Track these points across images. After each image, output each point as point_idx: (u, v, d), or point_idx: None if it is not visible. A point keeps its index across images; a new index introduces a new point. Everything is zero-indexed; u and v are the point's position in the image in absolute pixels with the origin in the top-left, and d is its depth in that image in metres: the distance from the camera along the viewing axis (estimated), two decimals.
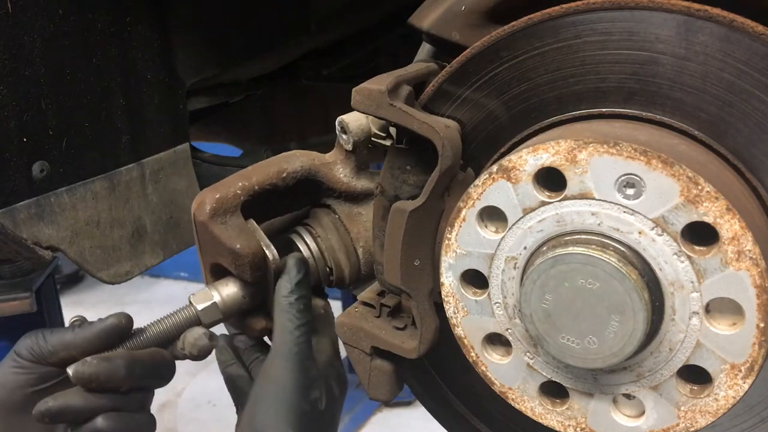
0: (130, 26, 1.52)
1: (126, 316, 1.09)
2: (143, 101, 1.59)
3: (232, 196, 1.10)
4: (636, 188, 0.83)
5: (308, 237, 1.20)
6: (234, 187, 1.11)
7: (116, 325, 1.07)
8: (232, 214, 1.10)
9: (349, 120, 1.13)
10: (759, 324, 0.80)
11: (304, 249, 1.20)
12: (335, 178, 1.19)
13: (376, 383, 1.13)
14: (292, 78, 2.34)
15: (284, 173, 1.15)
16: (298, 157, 1.18)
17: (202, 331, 1.13)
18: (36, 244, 1.38)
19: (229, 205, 1.10)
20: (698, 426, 0.87)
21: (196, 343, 1.11)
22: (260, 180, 1.14)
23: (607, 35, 0.90)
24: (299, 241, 1.20)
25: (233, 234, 1.09)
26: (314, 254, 1.20)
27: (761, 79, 0.84)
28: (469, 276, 0.96)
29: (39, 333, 1.07)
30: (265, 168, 1.15)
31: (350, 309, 1.16)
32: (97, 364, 1.02)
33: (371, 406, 4.70)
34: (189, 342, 1.12)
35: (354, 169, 1.19)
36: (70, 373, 1.03)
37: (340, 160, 1.19)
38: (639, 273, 0.83)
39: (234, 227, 1.09)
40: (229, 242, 1.08)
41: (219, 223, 1.09)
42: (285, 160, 1.17)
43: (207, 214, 1.08)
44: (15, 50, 1.29)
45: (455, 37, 1.03)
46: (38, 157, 1.36)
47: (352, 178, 1.19)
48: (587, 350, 0.86)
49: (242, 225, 1.11)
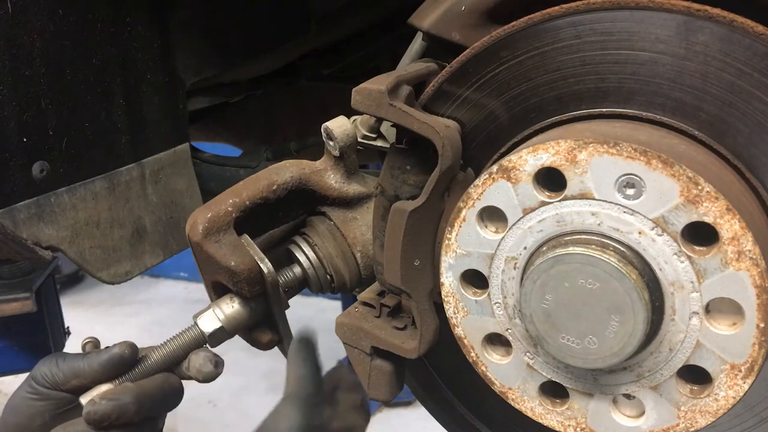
0: (130, 26, 1.52)
1: (130, 346, 1.13)
2: (143, 101, 1.59)
3: (223, 214, 1.11)
4: (636, 188, 0.83)
5: (306, 246, 1.21)
6: (225, 205, 1.12)
7: (120, 355, 1.11)
8: (225, 231, 1.11)
9: (334, 126, 1.13)
10: (759, 324, 0.80)
11: (303, 258, 1.20)
12: (326, 185, 1.19)
13: (376, 383, 1.13)
14: (292, 78, 2.34)
15: (274, 185, 1.15)
16: (288, 168, 1.18)
17: (208, 356, 1.15)
18: (36, 244, 1.38)
19: (222, 223, 1.11)
20: (698, 426, 0.87)
21: (201, 369, 1.14)
22: (251, 195, 1.14)
23: (607, 35, 0.90)
24: (297, 251, 1.21)
25: (227, 252, 1.09)
26: (313, 263, 1.20)
27: (761, 79, 0.84)
28: (469, 276, 0.96)
29: (53, 359, 1.12)
30: (255, 182, 1.15)
31: (350, 309, 1.16)
32: (107, 404, 1.06)
33: (371, 406, 4.70)
34: (195, 367, 1.15)
35: (344, 174, 1.19)
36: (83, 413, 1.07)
37: (330, 167, 1.19)
38: (639, 273, 0.83)
39: (228, 245, 1.10)
40: (224, 260, 1.09)
41: (213, 242, 1.09)
42: (275, 172, 1.17)
43: (200, 234, 1.09)
44: (15, 50, 1.29)
45: (455, 37, 1.03)
46: (38, 157, 1.36)
47: (344, 183, 1.19)
48: (587, 350, 0.86)
49: (236, 242, 1.11)
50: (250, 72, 2.14)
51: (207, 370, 1.14)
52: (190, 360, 1.15)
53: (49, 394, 1.10)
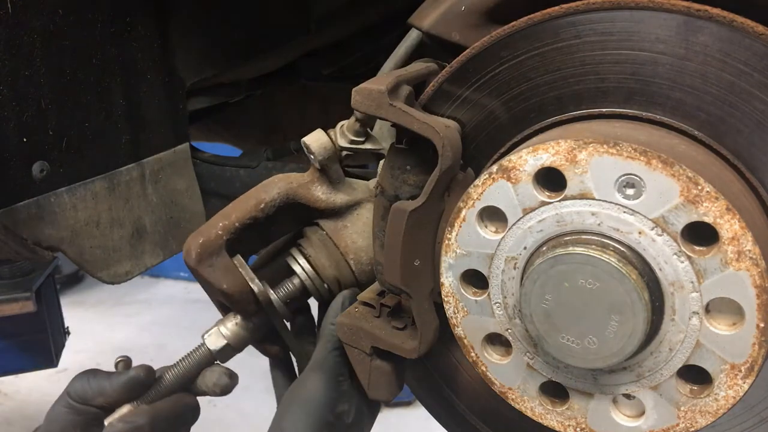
0: (130, 26, 1.52)
1: (145, 369, 1.20)
2: (143, 101, 1.59)
3: (214, 237, 1.15)
4: (636, 188, 0.83)
5: (300, 258, 1.23)
6: (215, 229, 1.16)
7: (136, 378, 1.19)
8: (218, 255, 1.15)
9: (310, 141, 1.17)
10: (759, 324, 0.80)
11: (299, 270, 1.22)
12: (314, 197, 1.21)
13: (376, 383, 1.13)
14: (292, 78, 2.34)
15: (262, 204, 1.18)
16: (276, 184, 1.20)
17: (222, 371, 1.23)
18: (36, 244, 1.38)
19: (214, 247, 1.15)
20: (698, 426, 0.87)
21: (218, 383, 1.22)
22: (240, 216, 1.17)
23: (607, 35, 0.90)
24: (293, 263, 1.23)
25: (219, 275, 1.15)
26: (309, 274, 1.22)
27: (761, 79, 0.84)
28: (469, 276, 0.96)
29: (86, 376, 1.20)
30: (244, 203, 1.19)
31: (350, 309, 1.16)
32: (122, 427, 1.14)
33: None
34: (211, 381, 1.22)
35: (330, 185, 1.21)
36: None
37: (316, 179, 1.22)
38: (639, 273, 0.83)
39: (220, 268, 1.15)
40: (217, 283, 1.14)
41: (207, 266, 1.15)
42: (263, 190, 1.20)
43: (194, 260, 1.15)
44: (15, 50, 1.29)
45: (455, 37, 1.03)
46: (38, 157, 1.36)
47: (330, 194, 1.21)
48: (587, 350, 0.86)
49: (228, 264, 1.15)
50: (250, 72, 2.14)
51: (223, 383, 1.22)
52: (205, 376, 1.22)
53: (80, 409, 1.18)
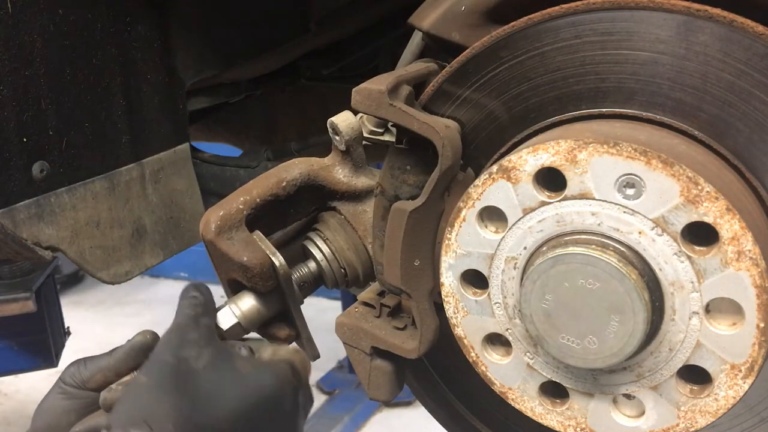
0: (130, 26, 1.52)
1: (151, 333, 1.14)
2: (143, 101, 1.59)
3: (235, 212, 1.14)
4: (636, 188, 0.83)
5: (319, 241, 1.22)
6: (236, 203, 1.14)
7: (142, 342, 1.12)
8: (237, 228, 1.13)
9: (339, 121, 1.15)
10: (759, 324, 0.80)
11: (317, 253, 1.22)
12: (335, 179, 1.20)
13: (376, 383, 1.13)
14: (292, 78, 2.34)
15: (284, 182, 1.17)
16: (297, 165, 1.20)
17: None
18: (36, 244, 1.38)
19: (234, 221, 1.13)
20: (698, 426, 0.87)
21: None
22: (261, 192, 1.16)
23: (607, 35, 0.90)
24: (312, 246, 1.22)
25: (240, 248, 1.12)
26: (327, 257, 1.21)
27: (761, 79, 0.84)
28: (469, 276, 0.96)
29: (82, 360, 1.14)
30: (265, 180, 1.18)
31: (350, 309, 1.16)
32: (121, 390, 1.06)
33: (371, 406, 4.69)
34: None
35: (352, 168, 1.21)
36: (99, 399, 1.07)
37: (338, 162, 1.21)
38: (639, 273, 0.83)
39: (240, 241, 1.12)
40: (237, 256, 1.11)
41: (225, 239, 1.12)
42: (284, 169, 1.19)
43: (213, 232, 1.12)
44: (15, 50, 1.29)
45: (455, 37, 1.03)
46: (38, 157, 1.36)
47: (352, 177, 1.21)
48: (587, 350, 0.86)
49: (248, 238, 1.13)
50: (250, 72, 2.14)
51: None
52: None
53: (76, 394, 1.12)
